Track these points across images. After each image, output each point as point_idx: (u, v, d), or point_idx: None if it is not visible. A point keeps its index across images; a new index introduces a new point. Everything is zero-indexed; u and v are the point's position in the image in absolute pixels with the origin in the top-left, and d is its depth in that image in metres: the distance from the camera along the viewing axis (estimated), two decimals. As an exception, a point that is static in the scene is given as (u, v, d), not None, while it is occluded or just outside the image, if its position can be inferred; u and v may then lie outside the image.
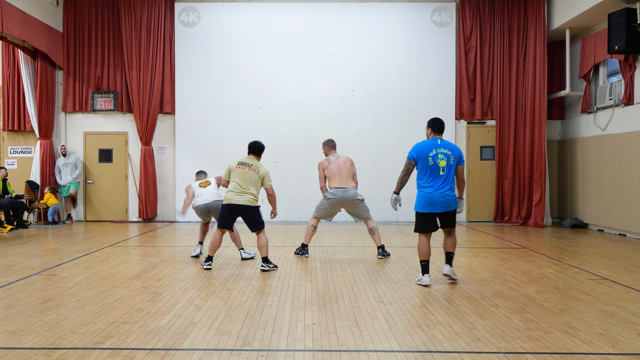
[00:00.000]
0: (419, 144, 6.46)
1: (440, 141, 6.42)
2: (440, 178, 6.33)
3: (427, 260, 6.47)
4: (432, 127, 6.54)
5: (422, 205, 6.41)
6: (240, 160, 7.46)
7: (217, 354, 4.13)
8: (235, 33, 13.81)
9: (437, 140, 6.44)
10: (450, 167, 6.35)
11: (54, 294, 5.98)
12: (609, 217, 11.66)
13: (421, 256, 6.47)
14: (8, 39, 11.83)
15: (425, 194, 6.37)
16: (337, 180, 8.31)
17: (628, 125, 11.01)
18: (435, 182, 6.33)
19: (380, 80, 13.76)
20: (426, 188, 6.37)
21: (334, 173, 8.35)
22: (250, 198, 7.29)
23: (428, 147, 6.37)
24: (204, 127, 13.74)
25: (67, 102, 13.83)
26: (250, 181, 7.32)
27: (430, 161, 6.32)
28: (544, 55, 13.00)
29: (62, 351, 4.17)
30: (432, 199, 6.33)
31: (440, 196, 6.31)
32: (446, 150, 6.36)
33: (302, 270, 7.40)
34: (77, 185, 13.57)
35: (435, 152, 6.34)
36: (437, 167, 6.32)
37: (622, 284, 6.55)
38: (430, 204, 6.35)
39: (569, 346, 4.31)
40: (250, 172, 7.35)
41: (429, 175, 6.35)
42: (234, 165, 7.44)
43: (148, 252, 8.99)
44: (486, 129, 13.78)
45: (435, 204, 6.33)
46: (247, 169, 7.36)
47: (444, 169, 6.32)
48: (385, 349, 4.25)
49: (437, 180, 6.33)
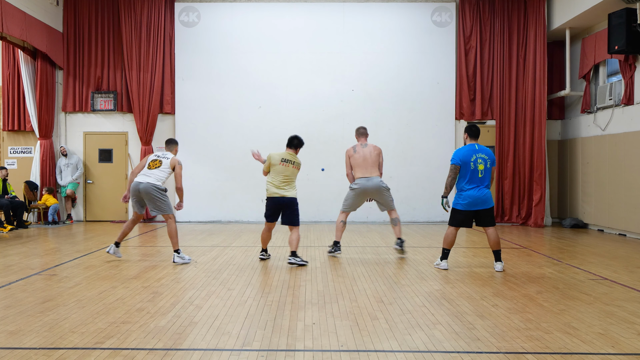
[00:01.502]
0: (461, 150, 7.24)
1: (477, 146, 7.25)
2: (479, 180, 7.13)
3: (449, 250, 7.41)
4: (469, 133, 7.37)
5: (463, 204, 7.19)
6: (283, 157, 7.76)
7: (217, 354, 4.13)
8: (235, 33, 13.81)
9: (475, 145, 7.26)
10: (487, 170, 7.17)
11: (54, 294, 5.98)
12: (609, 217, 11.66)
13: (446, 244, 7.38)
14: (8, 39, 11.83)
15: (467, 195, 7.14)
16: (361, 170, 8.37)
17: (628, 125, 11.01)
18: (475, 184, 7.12)
19: (380, 80, 13.76)
20: (468, 190, 7.14)
21: (358, 163, 8.39)
22: (295, 192, 7.78)
23: (469, 153, 7.16)
24: (204, 127, 13.74)
25: (67, 102, 13.83)
26: (293, 176, 7.79)
27: (471, 166, 7.12)
28: (544, 55, 13.00)
29: (62, 351, 4.17)
30: (473, 199, 7.12)
31: (481, 195, 7.11)
32: (483, 154, 7.18)
33: (302, 270, 7.40)
34: (75, 185, 13.56)
35: (475, 157, 7.15)
36: (477, 170, 7.11)
37: (622, 284, 6.55)
38: (470, 203, 7.14)
39: (569, 346, 4.31)
40: (293, 169, 7.77)
41: (470, 178, 7.12)
42: (277, 161, 7.72)
43: (148, 252, 8.99)
44: (486, 129, 13.77)
45: (476, 203, 7.13)
46: (291, 166, 7.76)
47: (482, 172, 7.13)
48: (385, 349, 4.25)
49: (476, 181, 7.12)
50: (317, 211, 13.71)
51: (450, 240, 7.34)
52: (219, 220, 13.67)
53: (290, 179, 7.73)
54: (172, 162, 7.89)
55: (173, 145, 8.21)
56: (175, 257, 7.80)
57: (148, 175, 7.77)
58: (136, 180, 7.79)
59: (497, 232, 7.26)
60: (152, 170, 7.82)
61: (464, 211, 7.18)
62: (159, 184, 7.77)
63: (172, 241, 7.85)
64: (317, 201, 13.68)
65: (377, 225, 13.20)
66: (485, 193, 7.11)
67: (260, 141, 13.77)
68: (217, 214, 13.70)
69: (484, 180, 7.12)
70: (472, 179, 7.09)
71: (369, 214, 13.71)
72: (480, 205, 7.11)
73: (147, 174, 7.79)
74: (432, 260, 8.03)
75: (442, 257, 7.45)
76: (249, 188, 13.63)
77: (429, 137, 13.72)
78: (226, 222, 13.65)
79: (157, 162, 7.88)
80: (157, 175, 7.80)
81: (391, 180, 13.72)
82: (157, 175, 7.80)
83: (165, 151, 8.13)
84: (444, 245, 7.39)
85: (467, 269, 7.44)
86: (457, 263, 7.88)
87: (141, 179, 7.77)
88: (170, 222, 7.85)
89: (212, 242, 10.11)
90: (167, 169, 7.86)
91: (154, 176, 7.78)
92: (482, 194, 7.09)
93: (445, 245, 7.38)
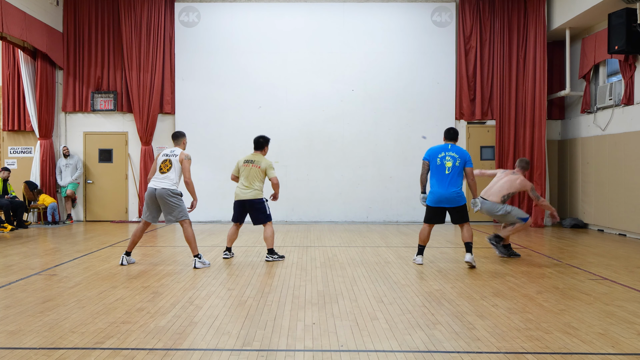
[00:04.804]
0: (432, 148, 7.62)
1: (450, 146, 7.51)
2: (446, 177, 7.35)
3: (424, 246, 7.77)
4: (444, 135, 7.74)
5: (429, 200, 7.54)
6: (246, 159, 8.12)
7: (217, 354, 4.13)
8: (235, 33, 13.81)
9: (448, 145, 7.54)
10: (456, 169, 7.34)
11: (54, 294, 5.98)
12: (609, 217, 11.66)
13: (420, 240, 7.76)
14: (8, 39, 11.83)
15: (433, 191, 7.47)
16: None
17: (628, 125, 11.01)
18: (441, 180, 7.37)
19: (380, 80, 13.76)
20: (434, 187, 7.46)
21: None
22: (254, 192, 7.97)
23: (438, 150, 7.49)
24: (204, 127, 13.73)
25: (67, 102, 13.83)
26: (255, 177, 7.99)
27: (437, 161, 7.41)
28: (544, 55, 13.00)
29: (62, 351, 4.17)
30: (438, 195, 7.41)
31: (446, 193, 7.36)
32: (453, 153, 7.41)
33: (302, 270, 7.40)
34: (75, 185, 13.56)
35: (444, 154, 7.42)
36: (443, 167, 7.37)
37: (622, 284, 6.55)
38: (434, 199, 7.45)
39: (569, 346, 4.31)
40: (253, 168, 8.01)
41: (436, 173, 7.41)
42: (241, 164, 8.12)
43: (148, 252, 8.99)
44: (486, 129, 13.78)
45: (440, 200, 7.41)
46: (251, 165, 8.03)
47: (449, 169, 7.34)
48: (385, 349, 4.25)
49: (443, 178, 7.36)
50: (318, 211, 13.71)
51: (424, 237, 7.68)
52: (219, 220, 13.67)
53: (250, 180, 7.96)
54: (180, 157, 7.62)
55: (180, 138, 7.88)
56: (197, 262, 7.53)
57: (162, 180, 7.53)
58: (151, 187, 7.57)
59: (470, 228, 7.49)
60: (165, 173, 7.53)
61: (431, 207, 7.53)
62: (174, 188, 7.54)
63: (190, 246, 7.61)
64: (317, 201, 13.69)
65: (377, 225, 13.20)
66: (452, 192, 7.34)
67: (260, 141, 13.81)
68: (217, 214, 13.69)
69: (452, 178, 7.32)
70: (438, 175, 7.38)
71: (369, 214, 13.72)
72: (445, 203, 7.39)
73: (161, 178, 7.54)
74: (432, 260, 8.04)
75: (418, 253, 7.80)
76: (249, 188, 13.64)
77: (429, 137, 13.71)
78: (226, 222, 13.64)
79: (167, 162, 7.58)
80: (171, 178, 7.53)
81: (391, 180, 13.77)
82: (170, 178, 7.53)
83: (173, 147, 7.85)
84: (418, 241, 7.76)
85: (467, 269, 7.44)
86: (457, 263, 7.88)
87: (155, 184, 7.54)
88: (187, 227, 7.60)
89: (212, 242, 10.11)
90: (178, 167, 7.60)
91: (168, 180, 7.51)
92: (448, 192, 7.34)
93: (419, 242, 7.75)
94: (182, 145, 7.88)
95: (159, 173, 7.60)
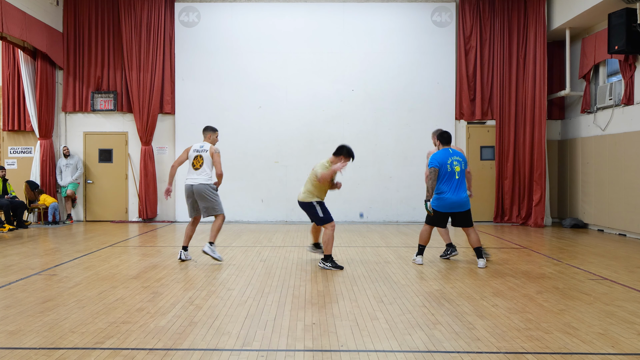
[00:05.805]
0: (438, 154, 7.53)
1: (451, 150, 7.54)
2: (456, 182, 7.42)
3: (424, 246, 7.81)
4: (441, 140, 7.65)
5: (439, 206, 7.48)
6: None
7: (217, 354, 4.13)
8: (235, 33, 13.81)
9: (449, 149, 7.56)
10: (462, 172, 7.46)
11: (54, 294, 5.98)
12: (609, 217, 11.66)
13: (421, 241, 7.79)
14: (8, 39, 11.83)
15: (444, 197, 7.43)
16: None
17: (628, 125, 11.01)
18: (452, 185, 7.40)
19: (380, 80, 13.75)
20: (446, 193, 7.42)
21: None
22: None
23: (446, 156, 7.46)
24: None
25: (67, 102, 13.83)
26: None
27: (448, 168, 7.41)
28: (544, 55, 13.00)
29: (62, 351, 4.17)
30: (450, 202, 7.42)
31: (457, 199, 7.42)
32: (457, 157, 7.48)
33: (302, 270, 7.40)
34: (75, 185, 13.57)
35: (451, 159, 7.45)
36: (453, 172, 7.41)
37: (622, 284, 6.55)
38: (446, 206, 7.45)
39: (569, 346, 4.31)
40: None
41: (447, 180, 7.41)
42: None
43: (148, 252, 8.99)
44: (486, 129, 13.78)
45: (451, 207, 7.44)
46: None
47: (458, 174, 7.42)
48: (385, 349, 4.25)
49: (454, 183, 7.40)
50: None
51: (425, 238, 7.74)
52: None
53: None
54: (210, 151, 7.84)
55: (208, 132, 8.09)
56: (207, 247, 7.71)
57: (198, 176, 7.78)
58: (188, 183, 7.81)
59: (476, 232, 7.58)
60: (199, 169, 7.79)
61: (440, 212, 7.53)
62: (210, 182, 7.80)
63: (211, 234, 7.77)
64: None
65: (377, 225, 13.20)
66: (463, 197, 7.44)
67: (260, 141, 13.82)
68: (217, 214, 13.67)
69: (461, 183, 7.42)
70: (450, 181, 7.39)
71: (369, 214, 13.71)
72: (455, 208, 7.46)
73: (196, 174, 7.79)
74: (432, 260, 8.05)
75: (418, 253, 7.83)
76: (249, 188, 13.65)
77: (429, 137, 13.61)
78: (226, 222, 13.62)
79: (199, 158, 7.83)
80: (206, 172, 7.79)
81: (391, 180, 13.76)
82: (206, 172, 7.79)
83: (203, 141, 8.04)
84: (419, 241, 7.80)
85: (467, 269, 7.44)
86: (457, 263, 7.88)
87: (192, 180, 7.78)
88: (219, 219, 7.80)
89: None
90: (209, 160, 7.83)
91: (205, 175, 7.78)
92: (459, 198, 7.41)
93: (420, 242, 7.80)
94: (210, 139, 8.04)
95: (192, 170, 7.84)
